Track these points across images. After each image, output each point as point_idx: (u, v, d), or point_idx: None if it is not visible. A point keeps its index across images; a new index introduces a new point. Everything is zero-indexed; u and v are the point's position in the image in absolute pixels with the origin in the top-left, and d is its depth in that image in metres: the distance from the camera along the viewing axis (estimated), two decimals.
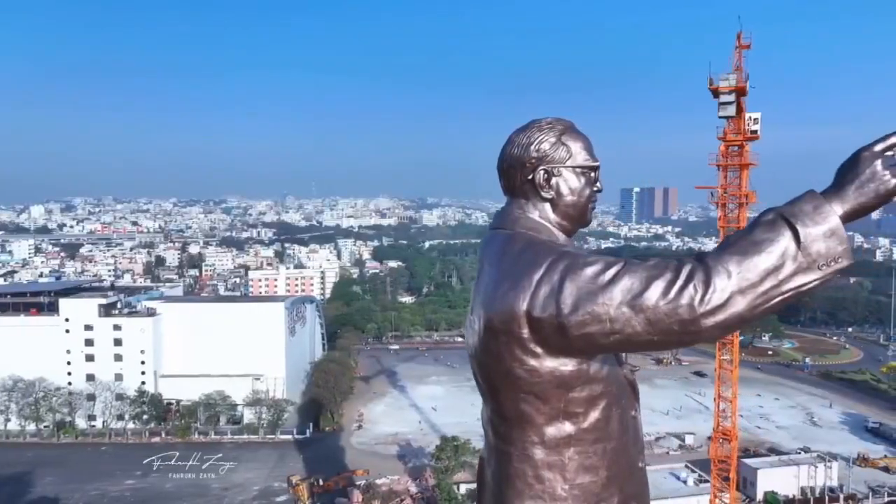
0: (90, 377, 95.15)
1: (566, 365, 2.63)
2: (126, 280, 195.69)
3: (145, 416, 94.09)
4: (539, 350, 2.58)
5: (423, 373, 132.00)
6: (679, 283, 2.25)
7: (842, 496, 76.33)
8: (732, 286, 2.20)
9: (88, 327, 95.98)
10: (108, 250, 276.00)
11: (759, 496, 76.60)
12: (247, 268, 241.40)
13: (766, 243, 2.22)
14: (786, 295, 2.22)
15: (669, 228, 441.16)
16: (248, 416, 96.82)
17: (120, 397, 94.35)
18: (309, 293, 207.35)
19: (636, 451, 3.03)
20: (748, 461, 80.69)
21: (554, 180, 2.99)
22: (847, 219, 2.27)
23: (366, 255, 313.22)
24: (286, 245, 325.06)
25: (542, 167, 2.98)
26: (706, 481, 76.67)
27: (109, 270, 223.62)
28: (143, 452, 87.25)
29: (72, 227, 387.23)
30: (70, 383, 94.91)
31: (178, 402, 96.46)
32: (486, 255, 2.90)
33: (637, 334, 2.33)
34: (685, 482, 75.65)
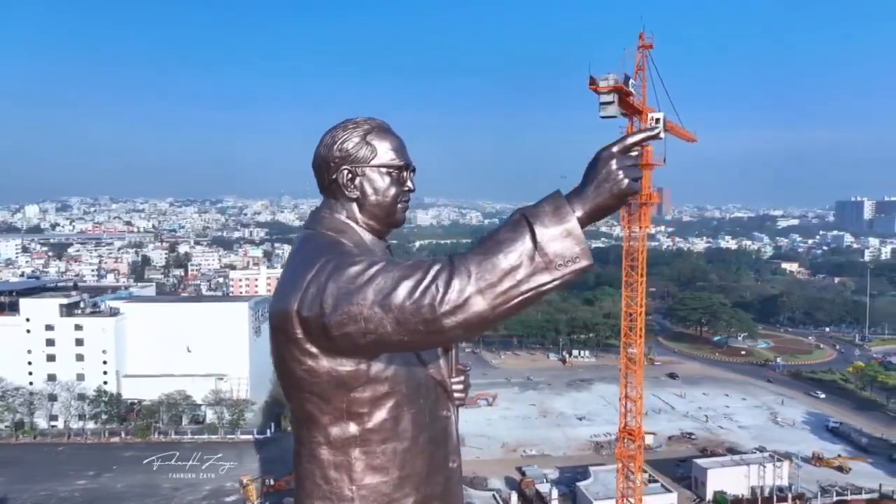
0: (51, 377, 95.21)
1: (343, 365, 2.62)
2: (110, 280, 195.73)
3: (104, 416, 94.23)
4: (314, 350, 2.57)
5: None
6: (424, 283, 2.23)
7: (790, 496, 76.43)
8: (471, 286, 2.18)
9: (49, 327, 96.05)
10: (96, 250, 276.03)
11: (710, 496, 76.64)
12: (233, 267, 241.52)
13: (507, 243, 2.21)
14: (526, 295, 2.21)
15: (662, 228, 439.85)
16: (211, 416, 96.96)
17: (82, 397, 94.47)
18: None
19: (445, 451, 3.04)
20: (699, 461, 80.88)
21: (358, 180, 3.00)
22: (588, 219, 2.29)
23: None
24: (276, 245, 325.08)
25: (345, 167, 2.99)
26: (656, 481, 77.10)
27: (93, 270, 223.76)
28: (100, 453, 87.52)
29: (65, 226, 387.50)
30: (31, 383, 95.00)
31: (139, 401, 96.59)
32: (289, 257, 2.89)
33: (388, 334, 2.32)
34: (634, 482, 75.51)
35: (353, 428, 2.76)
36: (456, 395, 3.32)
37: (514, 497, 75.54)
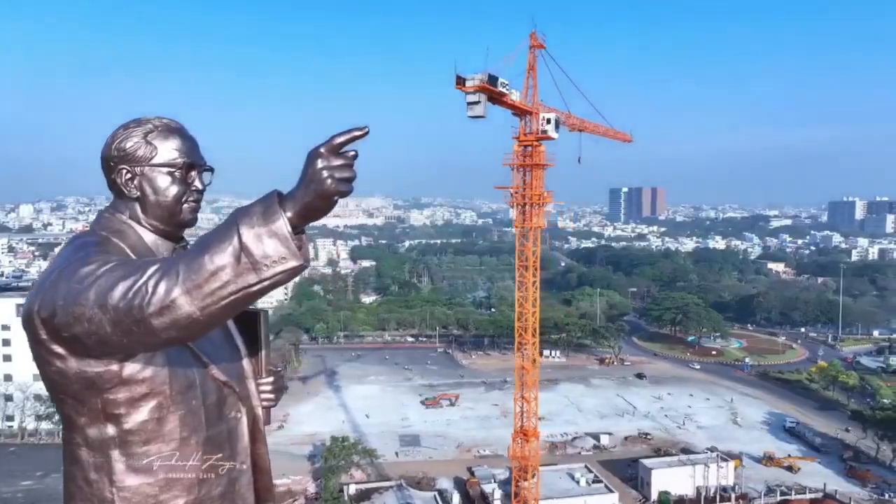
0: (7, 377, 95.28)
1: (92, 366, 2.55)
2: None
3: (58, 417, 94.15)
4: (61, 351, 2.51)
5: (363, 372, 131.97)
6: (138, 284, 2.21)
7: (734, 496, 76.35)
8: (178, 287, 2.17)
9: (6, 327, 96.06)
10: None
11: (654, 496, 76.55)
12: None
13: (215, 244, 2.21)
14: (236, 295, 2.19)
15: (655, 228, 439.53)
16: None
17: (38, 398, 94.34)
18: (269, 293, 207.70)
19: (230, 453, 3.00)
20: (645, 461, 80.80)
21: (137, 180, 2.96)
22: (300, 220, 2.26)
23: (343, 255, 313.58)
24: None
25: (123, 166, 2.95)
26: (600, 481, 76.99)
27: None
28: (52, 453, 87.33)
29: (57, 226, 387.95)
30: None
31: None
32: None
33: (108, 335, 2.30)
34: (578, 482, 75.63)
35: (111, 429, 2.70)
36: (264, 396, 3.31)
37: (457, 497, 75.42)
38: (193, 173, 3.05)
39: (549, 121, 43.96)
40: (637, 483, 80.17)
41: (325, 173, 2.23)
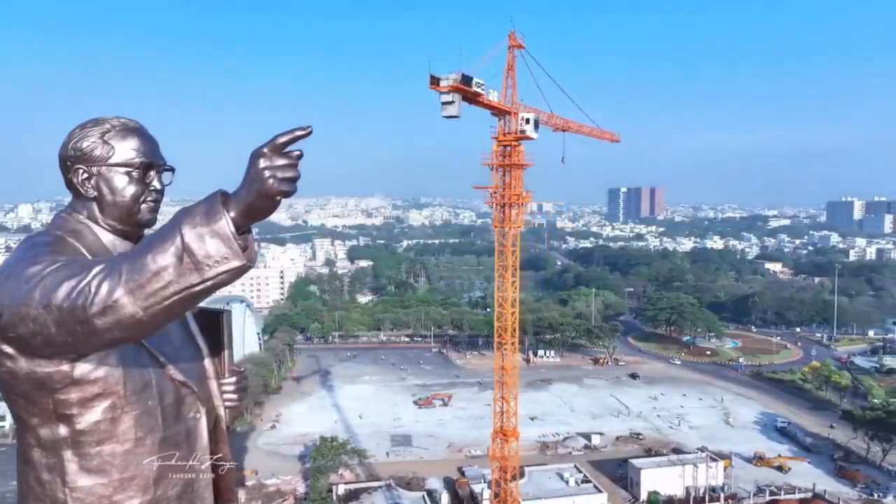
0: None
1: (42, 366, 2.54)
2: None
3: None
4: (10, 351, 2.50)
5: (357, 372, 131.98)
6: (83, 283, 2.20)
7: (723, 495, 76.35)
8: (121, 288, 2.17)
9: None
10: None
11: (644, 496, 76.54)
12: None
13: (159, 243, 2.21)
14: (179, 295, 2.19)
15: (653, 228, 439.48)
16: None
17: None
18: (265, 293, 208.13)
19: (189, 453, 2.99)
20: (635, 461, 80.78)
21: (94, 179, 2.95)
22: (243, 220, 2.26)
23: (341, 255, 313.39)
24: (262, 245, 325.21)
25: (79, 166, 2.95)
26: (589, 481, 76.99)
27: None
28: None
29: None
30: None
31: None
32: None
33: (53, 336, 2.29)
34: (567, 482, 75.64)
35: (62, 430, 2.68)
36: (227, 396, 3.31)
37: (446, 497, 75.45)
38: (152, 173, 3.05)
39: (528, 121, 43.92)
40: (627, 483, 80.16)
41: (266, 173, 2.22)
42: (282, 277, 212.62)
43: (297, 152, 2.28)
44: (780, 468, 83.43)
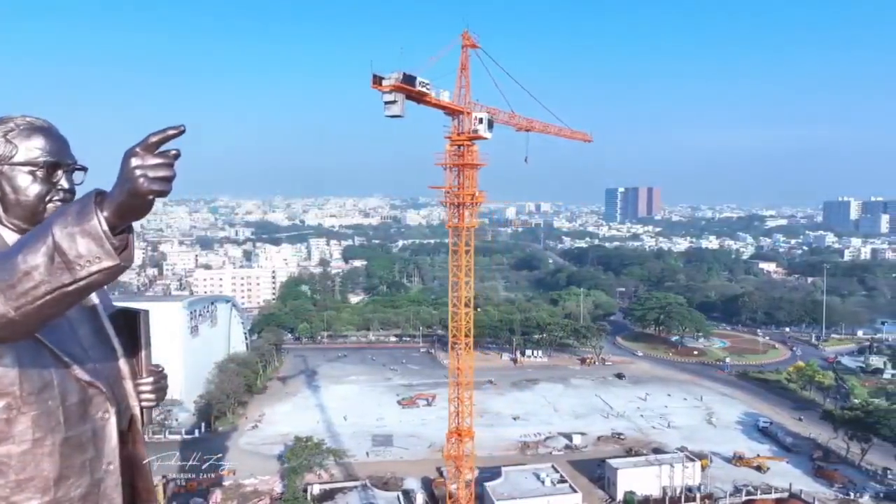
0: None
1: None
2: None
3: None
4: None
5: (343, 373, 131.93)
6: None
7: (699, 495, 76.31)
8: None
9: None
10: None
11: (620, 496, 76.47)
12: (208, 267, 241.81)
13: (31, 243, 2.18)
14: (51, 295, 2.17)
15: (650, 228, 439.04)
16: None
17: None
18: (256, 293, 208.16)
19: (95, 454, 2.94)
20: (612, 461, 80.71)
21: None
22: (117, 219, 2.22)
23: (336, 255, 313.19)
24: (258, 245, 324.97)
25: None
26: (565, 482, 76.91)
27: None
28: None
29: None
30: None
31: None
32: None
33: None
34: (543, 482, 75.53)
35: None
36: (143, 396, 3.29)
37: (421, 497, 75.39)
38: (59, 172, 3.02)
39: (480, 120, 43.86)
40: (604, 483, 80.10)
41: (137, 172, 2.19)
42: (273, 277, 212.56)
43: (174, 152, 2.26)
44: (758, 468, 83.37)
